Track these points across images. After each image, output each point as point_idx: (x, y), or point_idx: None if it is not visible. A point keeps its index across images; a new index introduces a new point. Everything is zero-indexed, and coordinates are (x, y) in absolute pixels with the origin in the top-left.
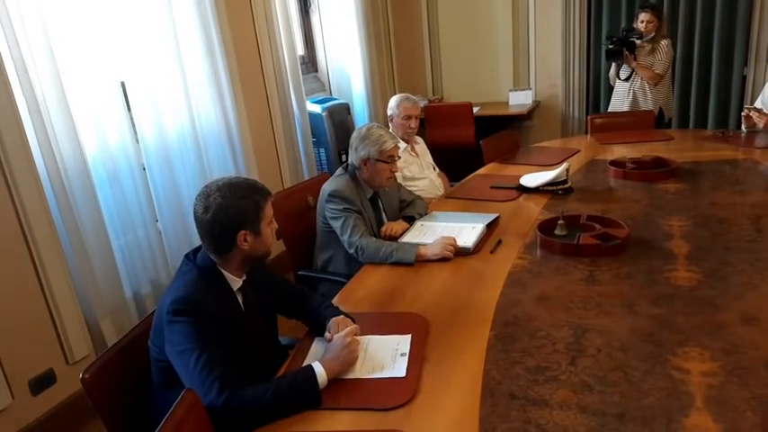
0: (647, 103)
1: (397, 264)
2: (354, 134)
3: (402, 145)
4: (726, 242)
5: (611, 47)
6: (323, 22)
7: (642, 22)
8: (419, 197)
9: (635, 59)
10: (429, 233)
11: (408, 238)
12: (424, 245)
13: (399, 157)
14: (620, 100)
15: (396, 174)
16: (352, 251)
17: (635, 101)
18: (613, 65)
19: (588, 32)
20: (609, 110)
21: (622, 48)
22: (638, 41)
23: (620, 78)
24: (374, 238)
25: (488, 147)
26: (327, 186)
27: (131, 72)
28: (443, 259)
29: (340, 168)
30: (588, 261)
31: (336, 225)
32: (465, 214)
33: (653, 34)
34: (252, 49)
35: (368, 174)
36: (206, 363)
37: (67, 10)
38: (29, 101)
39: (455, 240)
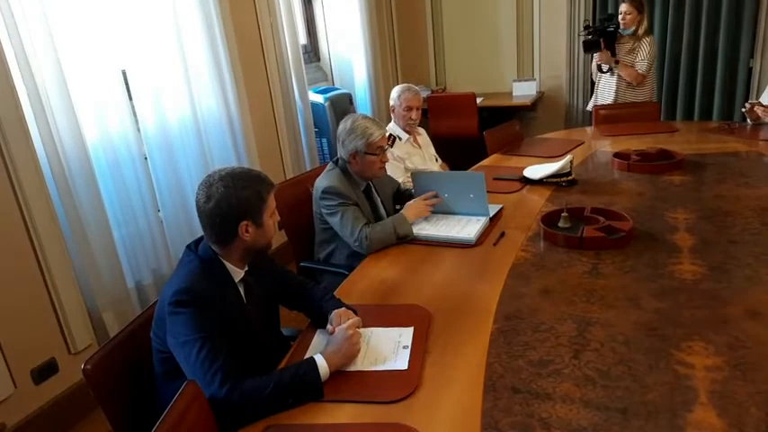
0: (627, 99)
1: (403, 240)
2: (340, 127)
3: (404, 136)
4: (731, 235)
5: (588, 37)
6: (325, 11)
7: (621, 13)
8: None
9: (614, 55)
10: (433, 222)
11: (415, 228)
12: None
13: (390, 146)
14: (601, 96)
15: (399, 165)
16: (357, 244)
17: (617, 97)
18: (595, 57)
19: (594, 21)
20: (589, 106)
21: (599, 39)
22: (619, 33)
23: (601, 71)
24: (374, 224)
25: (492, 138)
26: (319, 183)
27: (132, 60)
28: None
29: (330, 163)
30: (592, 254)
31: (334, 221)
32: (453, 178)
33: (634, 27)
34: (254, 37)
35: (359, 167)
36: (208, 354)
37: None
38: (29, 89)
39: (432, 196)
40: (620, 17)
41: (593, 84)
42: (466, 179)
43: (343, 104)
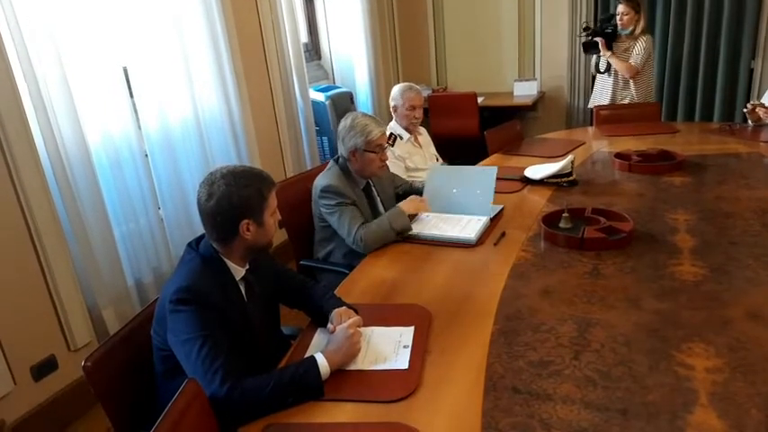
0: (625, 99)
1: (402, 234)
2: (341, 125)
3: (405, 135)
4: (731, 237)
5: (588, 38)
6: (327, 9)
7: (618, 14)
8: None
9: (610, 50)
10: (433, 223)
11: (414, 229)
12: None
13: (390, 144)
14: (599, 94)
15: (400, 164)
16: (354, 245)
17: (614, 95)
18: (594, 56)
19: (595, 22)
20: (589, 105)
21: (599, 40)
22: (618, 33)
23: (599, 72)
24: (368, 223)
25: (492, 138)
26: (319, 182)
27: (133, 57)
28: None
29: (331, 161)
30: (593, 254)
31: (333, 220)
32: (466, 173)
33: (631, 27)
34: (255, 35)
35: (358, 165)
36: (209, 352)
37: None
38: (30, 85)
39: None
40: (617, 18)
41: (593, 83)
42: (479, 173)
43: (344, 103)
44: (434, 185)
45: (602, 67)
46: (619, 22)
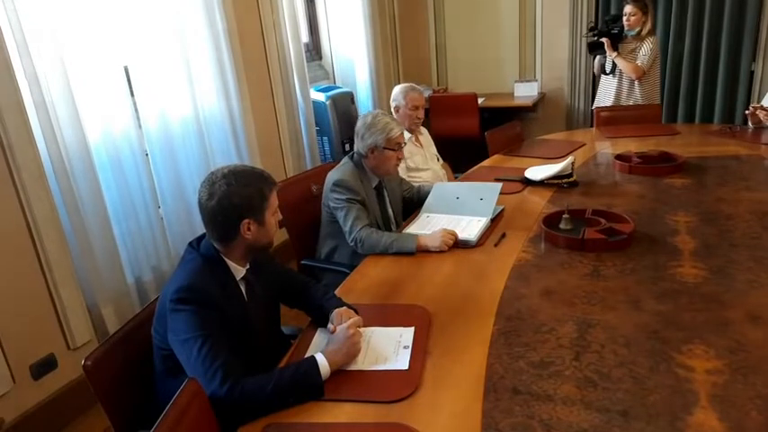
0: (630, 100)
1: (398, 253)
2: (360, 122)
3: (406, 135)
4: (732, 239)
5: (594, 39)
6: (328, 9)
7: (625, 15)
8: (420, 186)
9: (616, 50)
10: (433, 224)
11: (413, 229)
12: (425, 235)
13: (405, 144)
14: (603, 95)
15: (401, 164)
16: (352, 243)
17: (618, 97)
18: (598, 57)
19: (596, 23)
20: (593, 106)
21: (604, 40)
22: (624, 35)
23: (604, 73)
24: (373, 229)
25: (493, 138)
26: (332, 175)
27: (134, 57)
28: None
29: (345, 157)
30: (593, 256)
31: (339, 215)
32: (471, 187)
33: (638, 28)
34: (256, 35)
35: (375, 162)
36: (209, 352)
37: None
38: (31, 83)
39: (456, 234)
40: (624, 18)
41: (594, 84)
42: (483, 187)
43: (345, 103)
44: (437, 197)
45: (609, 67)
46: (626, 23)
